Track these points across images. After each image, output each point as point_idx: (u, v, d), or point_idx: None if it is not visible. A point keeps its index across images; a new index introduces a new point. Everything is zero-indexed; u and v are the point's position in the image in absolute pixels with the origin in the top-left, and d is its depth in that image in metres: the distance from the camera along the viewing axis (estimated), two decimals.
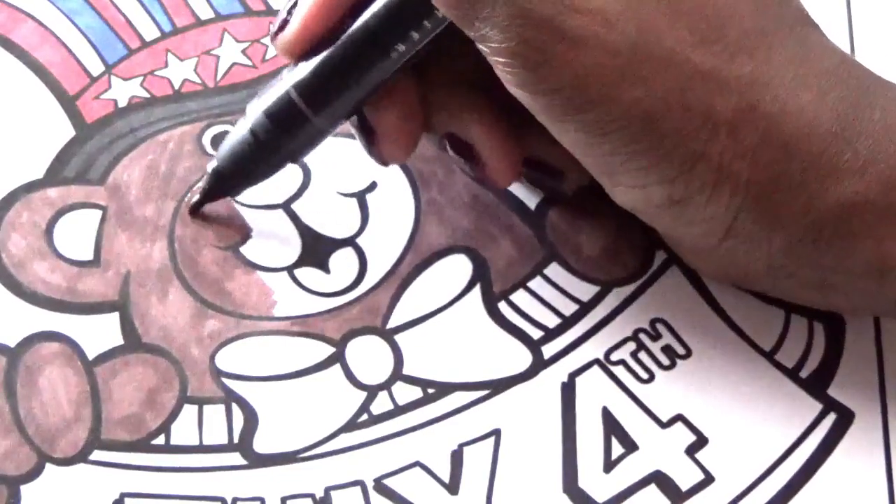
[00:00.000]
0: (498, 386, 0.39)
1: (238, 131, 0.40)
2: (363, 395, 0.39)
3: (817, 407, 0.39)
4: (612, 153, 0.36)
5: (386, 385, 0.39)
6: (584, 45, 0.34)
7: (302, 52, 0.39)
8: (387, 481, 0.38)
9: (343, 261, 0.42)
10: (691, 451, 0.38)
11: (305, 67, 0.39)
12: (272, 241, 0.42)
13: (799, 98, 0.35)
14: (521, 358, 0.40)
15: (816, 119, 0.35)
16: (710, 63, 0.35)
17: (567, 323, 0.41)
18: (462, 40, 0.36)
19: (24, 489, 0.37)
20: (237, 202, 0.42)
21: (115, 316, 0.40)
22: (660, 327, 0.40)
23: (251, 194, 0.42)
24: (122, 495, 0.37)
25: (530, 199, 0.43)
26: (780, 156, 0.35)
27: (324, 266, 0.41)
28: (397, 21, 0.38)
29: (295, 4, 0.38)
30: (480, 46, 0.35)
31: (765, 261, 0.37)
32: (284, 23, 0.39)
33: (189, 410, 0.39)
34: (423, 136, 0.40)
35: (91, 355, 0.40)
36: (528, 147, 0.40)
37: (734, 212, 0.36)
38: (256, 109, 0.39)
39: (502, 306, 0.41)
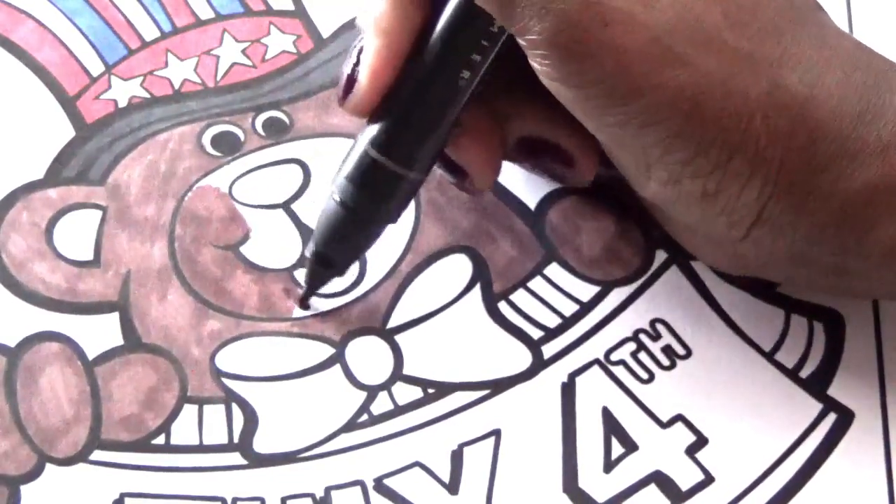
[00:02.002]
0: (498, 386, 0.39)
1: (328, 208, 0.39)
2: (363, 395, 0.39)
3: (817, 407, 0.39)
4: (652, 145, 0.36)
5: (386, 385, 0.39)
6: (626, 29, 0.34)
7: (374, 109, 0.38)
8: (387, 481, 0.38)
9: None
10: (691, 451, 0.38)
11: (381, 124, 0.38)
12: (272, 241, 0.42)
13: (825, 81, 0.35)
14: (521, 358, 0.40)
15: (842, 102, 0.35)
16: (745, 46, 0.35)
17: (567, 323, 0.41)
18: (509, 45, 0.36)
19: (24, 489, 0.37)
20: (237, 202, 0.42)
21: (115, 316, 0.40)
22: (660, 327, 0.40)
23: (251, 194, 0.42)
24: (122, 495, 0.37)
25: (530, 199, 0.43)
26: (809, 140, 0.35)
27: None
28: (457, 48, 0.37)
29: (357, 63, 0.37)
30: (521, 41, 0.35)
31: (787, 249, 0.37)
32: (350, 82, 0.38)
33: (189, 410, 0.39)
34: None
35: (91, 355, 0.40)
36: (534, 128, 0.40)
37: (764, 200, 0.36)
38: (340, 179, 0.38)
39: (502, 306, 0.41)
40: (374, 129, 0.38)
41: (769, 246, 0.37)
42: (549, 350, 0.40)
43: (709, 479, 0.38)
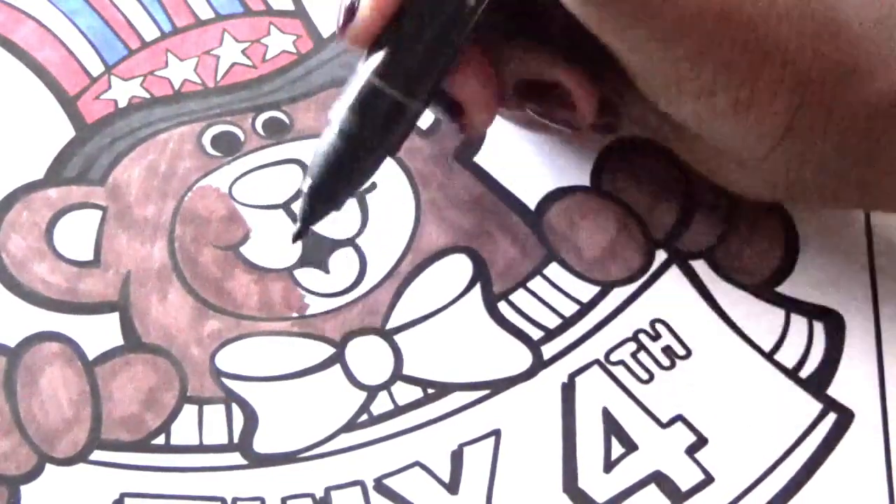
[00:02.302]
0: (498, 386, 0.39)
1: (325, 139, 0.38)
2: (363, 395, 0.39)
3: (817, 407, 0.39)
4: (683, 58, 0.36)
5: (386, 385, 0.39)
6: None
7: (375, 38, 0.37)
8: (387, 481, 0.38)
9: (343, 261, 0.42)
10: (691, 451, 0.38)
11: (383, 52, 0.37)
12: (272, 241, 0.42)
13: None
14: (521, 358, 0.40)
15: (864, 6, 0.36)
16: None
17: (567, 323, 0.41)
18: None
19: (24, 489, 0.37)
20: (237, 202, 0.42)
21: (115, 316, 0.40)
22: (660, 327, 0.40)
23: (251, 194, 0.42)
24: (122, 495, 0.37)
25: (530, 199, 0.43)
26: (835, 45, 0.36)
27: (324, 266, 0.41)
28: None
29: None
30: None
31: (815, 163, 0.37)
32: (351, 10, 0.37)
33: (189, 410, 0.39)
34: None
35: (91, 355, 0.40)
36: (532, 70, 0.40)
37: (794, 109, 0.36)
38: (341, 110, 0.37)
39: (502, 306, 0.41)
40: (377, 58, 0.37)
41: (798, 160, 0.37)
42: (549, 350, 0.40)
43: (709, 479, 0.38)
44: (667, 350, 0.40)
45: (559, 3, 0.36)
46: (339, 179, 0.38)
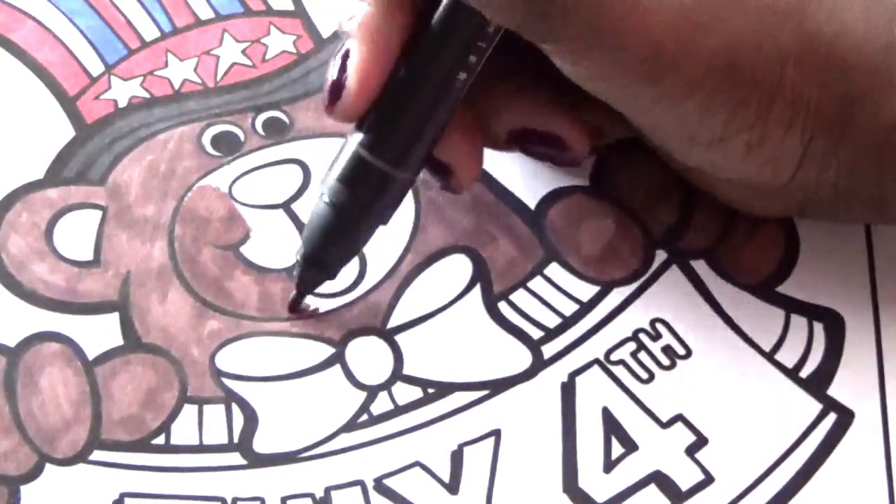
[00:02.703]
0: (498, 386, 0.39)
1: (318, 210, 0.38)
2: (363, 395, 0.39)
3: (817, 407, 0.39)
4: (692, 111, 0.36)
5: (386, 385, 0.39)
6: (656, 7, 0.35)
7: (365, 113, 0.38)
8: (387, 481, 0.38)
9: None
10: (691, 451, 0.38)
11: (372, 125, 0.38)
12: (272, 241, 0.42)
13: (846, 17, 0.36)
14: (521, 358, 0.40)
15: (867, 35, 0.36)
16: (767, 0, 0.36)
17: (567, 323, 0.41)
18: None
19: (24, 489, 0.37)
20: (237, 202, 0.42)
21: (115, 316, 0.40)
22: (660, 327, 0.40)
23: (251, 194, 0.42)
24: (122, 495, 0.37)
25: (530, 199, 0.43)
26: (841, 75, 0.36)
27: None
28: (454, 50, 0.37)
29: (343, 67, 0.37)
30: (546, 48, 0.36)
31: (831, 184, 0.38)
32: (337, 87, 0.37)
33: (189, 410, 0.39)
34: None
35: (91, 355, 0.40)
36: (524, 120, 0.40)
37: (806, 142, 0.37)
38: (331, 181, 0.38)
39: (502, 306, 0.41)
40: (365, 131, 0.38)
41: (814, 184, 0.38)
42: (549, 350, 0.40)
43: (709, 479, 0.38)
44: (667, 350, 0.40)
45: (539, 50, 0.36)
46: (332, 249, 0.39)
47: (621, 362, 0.40)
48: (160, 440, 0.38)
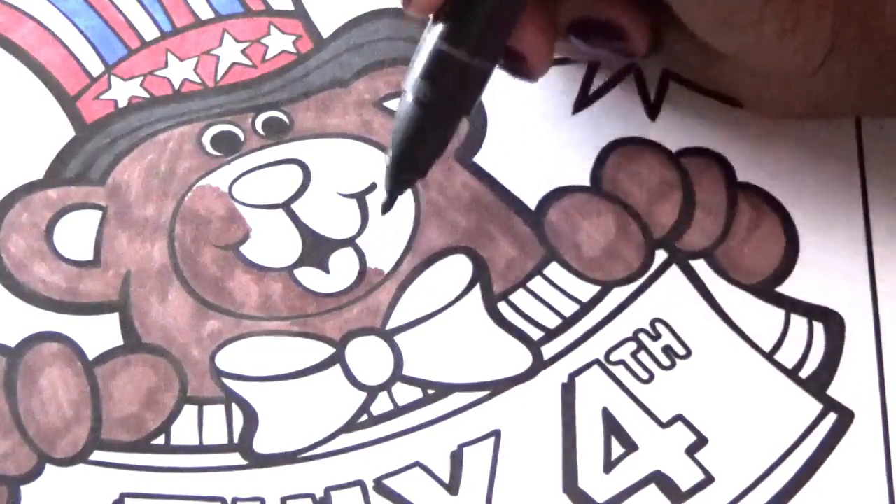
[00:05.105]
0: (498, 386, 0.39)
1: (401, 110, 0.39)
2: (363, 395, 0.39)
3: (817, 407, 0.39)
4: None
5: (386, 385, 0.39)
6: None
7: (441, 4, 0.38)
8: (387, 481, 0.38)
9: (343, 261, 0.42)
10: (691, 451, 0.38)
11: (448, 18, 0.38)
12: (272, 241, 0.42)
13: None
14: (521, 358, 0.40)
15: None
16: None
17: (567, 323, 0.41)
18: None
19: (24, 489, 0.37)
20: (237, 202, 0.42)
21: (115, 316, 0.40)
22: (660, 327, 0.40)
23: (251, 194, 0.42)
24: (122, 495, 0.38)
25: (530, 199, 0.43)
26: None
27: (324, 266, 0.41)
28: None
29: None
30: None
31: (856, 78, 0.39)
32: None
33: (189, 410, 0.39)
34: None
35: (91, 355, 0.40)
36: (585, 9, 0.41)
37: (837, 29, 0.38)
38: (413, 79, 0.38)
39: (502, 306, 0.41)
40: (442, 25, 0.38)
41: (841, 76, 0.39)
42: (549, 350, 0.40)
43: (709, 479, 0.38)
44: (667, 350, 0.40)
45: None
46: (420, 146, 0.39)
47: (621, 362, 0.40)
48: (160, 440, 0.38)
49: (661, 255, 0.42)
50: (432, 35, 0.38)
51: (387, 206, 0.40)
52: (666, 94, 0.44)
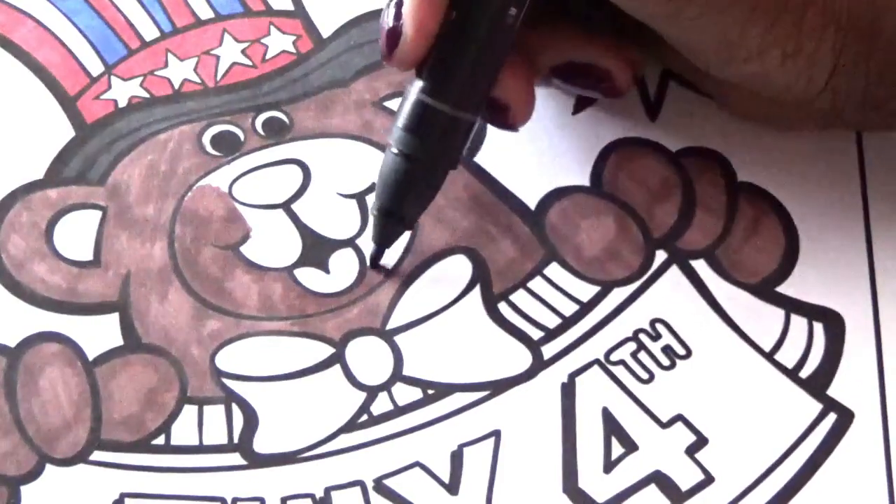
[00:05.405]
0: (498, 387, 0.39)
1: (388, 161, 0.39)
2: (363, 395, 0.39)
3: (817, 407, 0.39)
4: (732, 25, 0.38)
5: (386, 386, 0.39)
6: None
7: (423, 58, 0.38)
8: (387, 481, 0.38)
9: (343, 261, 0.42)
10: (691, 451, 0.38)
11: (431, 70, 0.38)
12: (272, 241, 0.42)
13: None
14: (521, 358, 0.40)
15: None
16: None
17: (567, 323, 0.41)
18: None
19: (24, 489, 0.37)
20: (237, 202, 0.42)
21: (115, 316, 0.40)
22: (660, 327, 0.40)
23: (251, 194, 0.42)
24: (122, 495, 0.38)
25: (530, 199, 0.43)
26: None
27: (324, 266, 0.41)
28: None
29: (398, 14, 0.38)
30: None
31: (861, 93, 0.39)
32: (394, 34, 0.38)
33: (189, 411, 0.39)
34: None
35: (91, 356, 0.40)
36: (567, 54, 0.41)
37: (838, 50, 0.38)
38: (397, 131, 0.39)
39: (502, 307, 0.41)
40: (425, 78, 0.38)
41: (844, 93, 0.39)
42: (549, 350, 0.40)
43: (709, 479, 0.38)
44: (667, 350, 0.40)
45: None
46: (406, 200, 0.39)
47: (621, 362, 0.40)
48: (160, 440, 0.38)
49: (661, 255, 0.42)
50: (415, 88, 0.39)
51: (375, 259, 0.41)
52: (666, 94, 0.44)
